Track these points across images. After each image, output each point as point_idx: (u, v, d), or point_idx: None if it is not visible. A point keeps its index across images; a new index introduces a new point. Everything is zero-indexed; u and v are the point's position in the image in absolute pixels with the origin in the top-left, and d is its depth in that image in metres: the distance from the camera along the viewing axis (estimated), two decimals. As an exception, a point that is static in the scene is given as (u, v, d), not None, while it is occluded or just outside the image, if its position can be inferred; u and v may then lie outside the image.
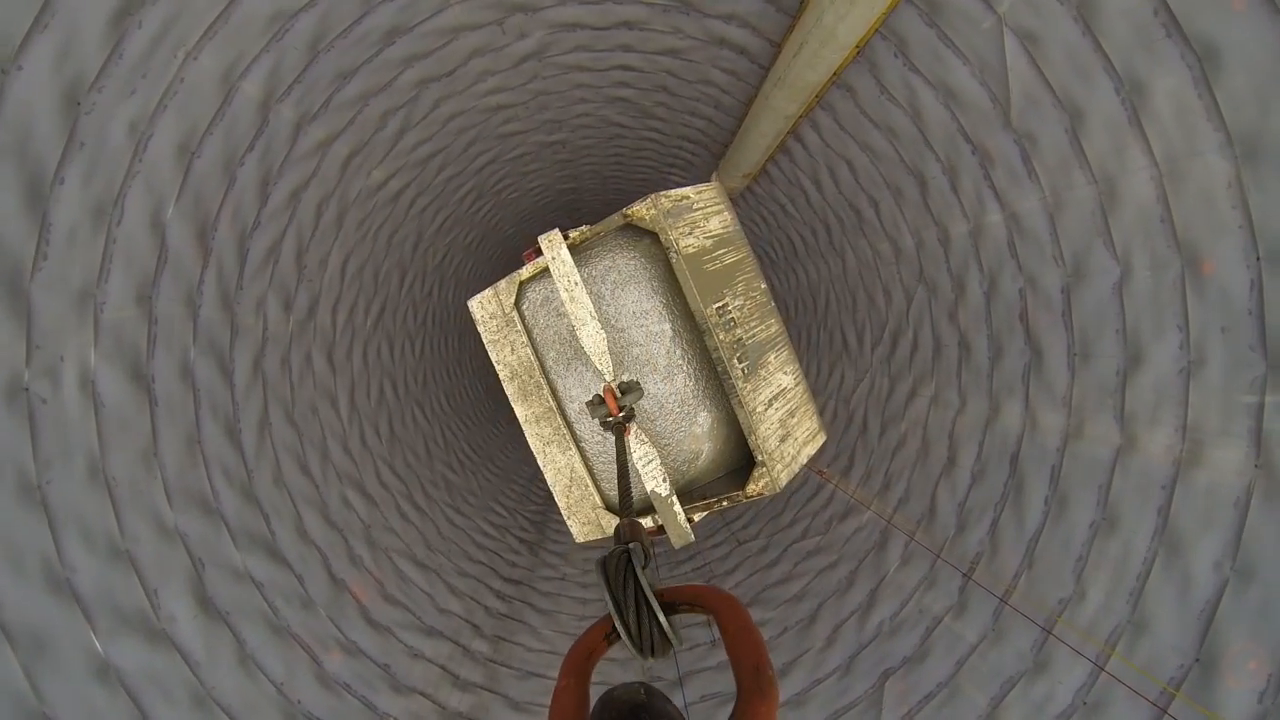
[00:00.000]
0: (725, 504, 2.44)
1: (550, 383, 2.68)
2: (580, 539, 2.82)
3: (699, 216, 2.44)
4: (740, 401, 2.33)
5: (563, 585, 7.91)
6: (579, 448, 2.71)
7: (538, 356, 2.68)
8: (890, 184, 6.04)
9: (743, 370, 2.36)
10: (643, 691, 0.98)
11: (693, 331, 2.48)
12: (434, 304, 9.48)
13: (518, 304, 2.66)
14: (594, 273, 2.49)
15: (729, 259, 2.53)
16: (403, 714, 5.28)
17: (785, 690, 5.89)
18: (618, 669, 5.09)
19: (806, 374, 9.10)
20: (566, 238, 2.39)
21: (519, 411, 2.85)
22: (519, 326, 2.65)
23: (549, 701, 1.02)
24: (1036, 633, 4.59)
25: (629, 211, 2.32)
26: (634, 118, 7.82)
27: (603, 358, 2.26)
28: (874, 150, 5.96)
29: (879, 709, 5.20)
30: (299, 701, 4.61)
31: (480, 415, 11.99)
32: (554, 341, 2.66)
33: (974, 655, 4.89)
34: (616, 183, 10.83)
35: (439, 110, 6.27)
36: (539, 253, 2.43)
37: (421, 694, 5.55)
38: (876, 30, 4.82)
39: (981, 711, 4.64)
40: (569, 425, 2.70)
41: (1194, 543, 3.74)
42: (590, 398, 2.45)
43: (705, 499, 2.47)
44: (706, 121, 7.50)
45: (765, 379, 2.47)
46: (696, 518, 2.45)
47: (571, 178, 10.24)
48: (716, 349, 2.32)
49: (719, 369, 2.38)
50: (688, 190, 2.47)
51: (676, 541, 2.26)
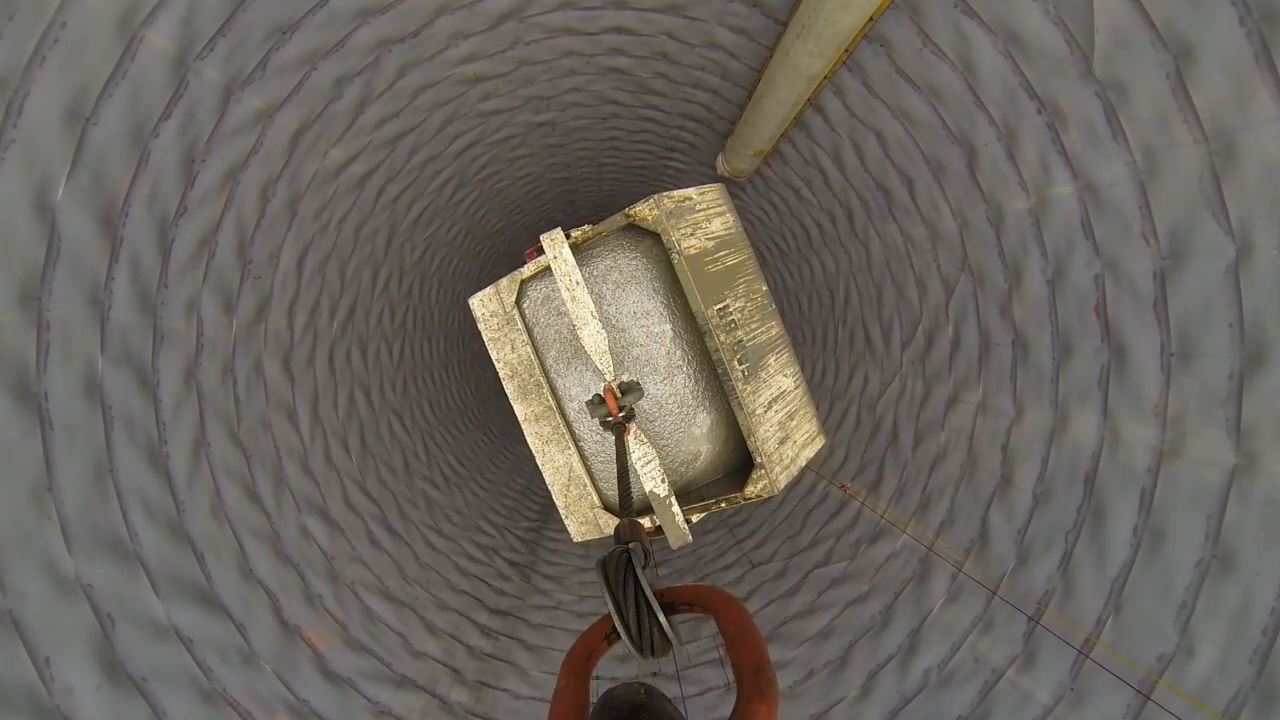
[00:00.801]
0: (724, 505, 2.42)
1: (550, 382, 2.67)
2: (578, 538, 2.79)
3: (701, 218, 2.41)
4: (740, 403, 2.31)
5: (556, 615, 7.06)
6: (578, 447, 2.69)
7: (538, 355, 2.66)
8: (929, 157, 5.17)
9: (743, 372, 2.35)
10: (643, 691, 0.97)
11: (693, 333, 2.47)
12: (414, 304, 8.63)
13: (519, 302, 2.62)
14: (596, 272, 2.47)
15: (730, 260, 2.49)
16: (362, 791, 4.44)
17: (814, 749, 5.04)
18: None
19: (822, 376, 8.23)
20: (569, 236, 2.34)
21: (518, 410, 2.79)
22: (519, 325, 2.63)
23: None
24: (1129, 696, 3.73)
25: (631, 212, 2.29)
26: (630, 93, 6.96)
27: (603, 357, 2.25)
28: (910, 117, 5.09)
29: (930, 779, 4.35)
30: (226, 791, 3.77)
31: (469, 423, 11.15)
32: (554, 340, 2.65)
33: None
34: (612, 171, 9.97)
35: (405, 80, 5.41)
36: (541, 251, 2.39)
37: (386, 763, 4.71)
38: (922, -37, 3.96)
39: (1063, 792, 3.78)
40: (568, 424, 2.69)
41: (1361, 598, 2.87)
42: (590, 397, 2.44)
43: (703, 500, 2.46)
44: (711, 95, 6.63)
45: (765, 381, 2.45)
46: (694, 519, 2.43)
47: (563, 165, 9.38)
48: (717, 350, 2.30)
49: (719, 370, 2.35)
50: (690, 191, 2.44)
51: (674, 542, 2.23)
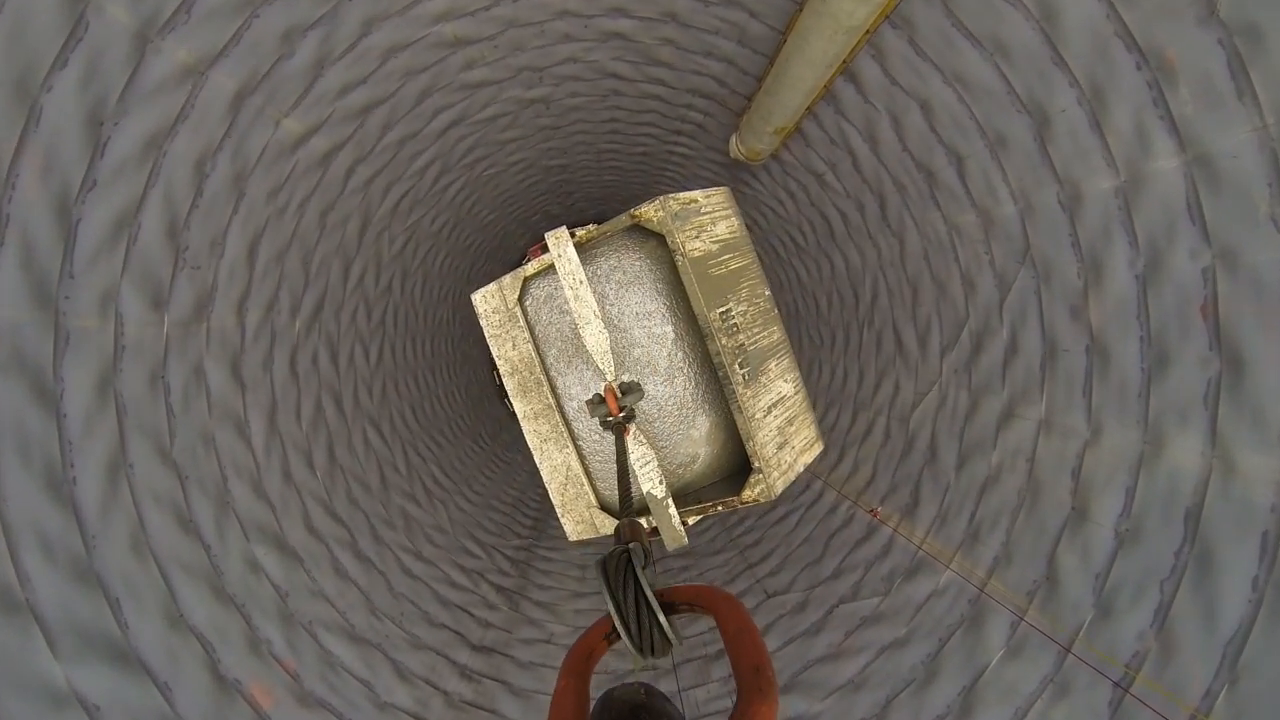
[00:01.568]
0: (720, 508, 2.42)
1: (550, 380, 2.67)
2: (574, 537, 2.78)
3: (706, 220, 2.40)
4: (740, 407, 2.31)
5: (547, 652, 6.30)
6: (576, 446, 2.68)
7: (538, 353, 2.66)
8: (987, 129, 4.40)
9: (743, 376, 2.34)
10: (643, 691, 0.98)
11: (695, 335, 2.47)
12: (395, 300, 7.87)
13: (521, 299, 2.62)
14: (599, 271, 2.47)
15: (734, 264, 2.47)
16: None
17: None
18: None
19: (844, 383, 7.47)
20: (573, 235, 2.31)
21: (517, 407, 2.78)
22: (521, 322, 2.63)
23: None
24: (1261, 796, 2.97)
25: (637, 212, 2.28)
26: (633, 64, 6.20)
27: (605, 357, 2.24)
28: (966, 81, 4.32)
29: None
30: None
31: (457, 430, 10.39)
32: (556, 338, 2.64)
33: (1150, 816, 3.27)
34: (613, 159, 9.21)
35: (372, 39, 4.65)
36: (545, 249, 2.39)
37: None
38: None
39: None
40: (567, 423, 2.68)
41: None
42: (589, 397, 2.44)
43: (700, 503, 2.46)
44: (725, 64, 5.87)
45: (765, 386, 2.44)
46: (691, 521, 2.42)
47: (559, 151, 8.62)
48: (718, 354, 2.30)
49: (720, 374, 2.34)
50: (696, 194, 2.41)
51: (670, 544, 2.21)
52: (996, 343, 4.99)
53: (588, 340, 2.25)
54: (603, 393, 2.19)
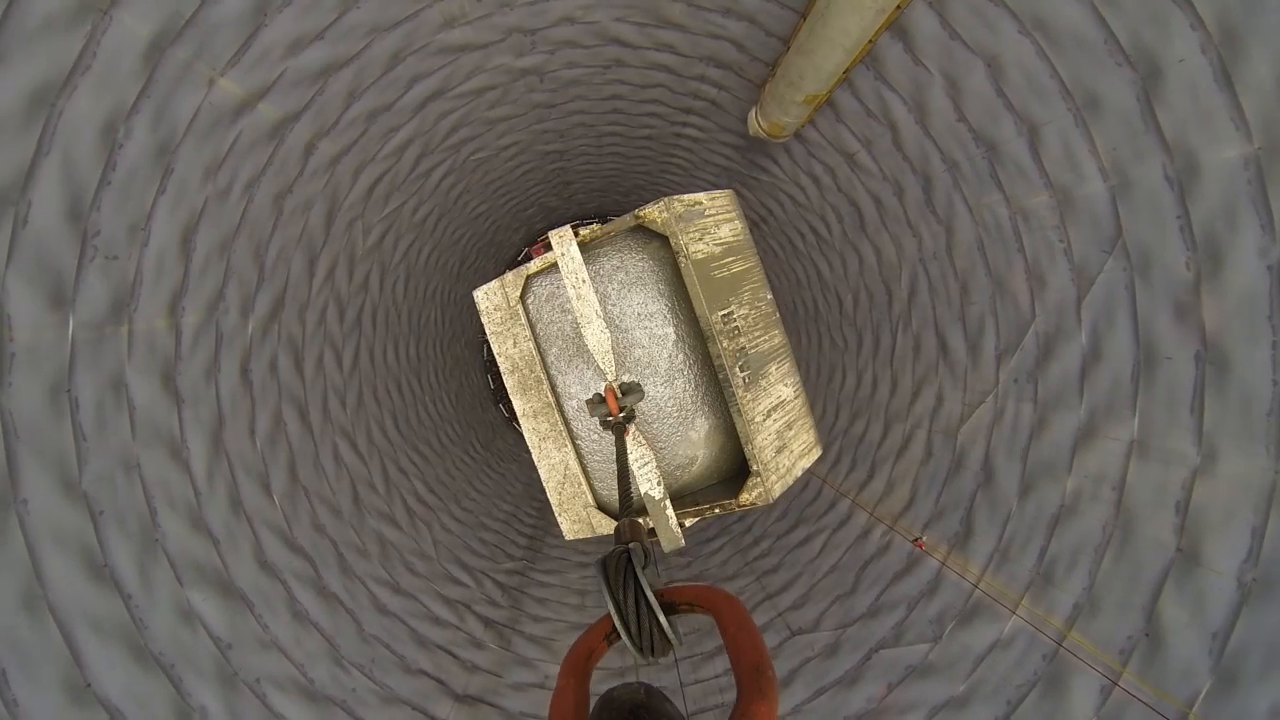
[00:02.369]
0: (718, 511, 2.42)
1: (550, 378, 2.67)
2: (570, 536, 2.77)
3: (710, 223, 2.41)
4: (739, 410, 2.31)
5: (542, 699, 5.57)
6: (575, 445, 2.69)
7: (539, 351, 2.66)
8: (1074, 89, 3.67)
9: (744, 379, 2.34)
10: (643, 691, 0.98)
11: (696, 337, 2.46)
12: (373, 299, 7.12)
13: (523, 297, 2.62)
14: (602, 271, 2.47)
15: (737, 267, 2.48)
16: None
17: None
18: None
19: (873, 390, 6.74)
20: (577, 234, 2.31)
21: (517, 405, 2.77)
22: (523, 320, 2.63)
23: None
24: None
25: (641, 213, 2.29)
26: (639, 26, 5.45)
27: (606, 357, 2.26)
28: (1049, 29, 3.59)
29: None
30: None
31: (447, 439, 9.64)
32: (557, 337, 2.65)
33: None
34: (614, 142, 8.46)
35: (329, -17, 3.90)
36: (548, 247, 2.37)
37: None
38: None
39: None
40: (566, 422, 2.68)
41: None
42: (589, 396, 2.47)
43: (698, 505, 2.46)
44: (746, 24, 5.13)
45: (766, 389, 2.44)
46: (688, 523, 2.44)
47: (556, 134, 7.87)
48: (719, 356, 2.30)
49: (720, 376, 2.34)
50: (701, 196, 2.41)
51: (666, 545, 2.19)
52: (1072, 348, 4.26)
53: (589, 340, 2.27)
54: (603, 392, 2.21)
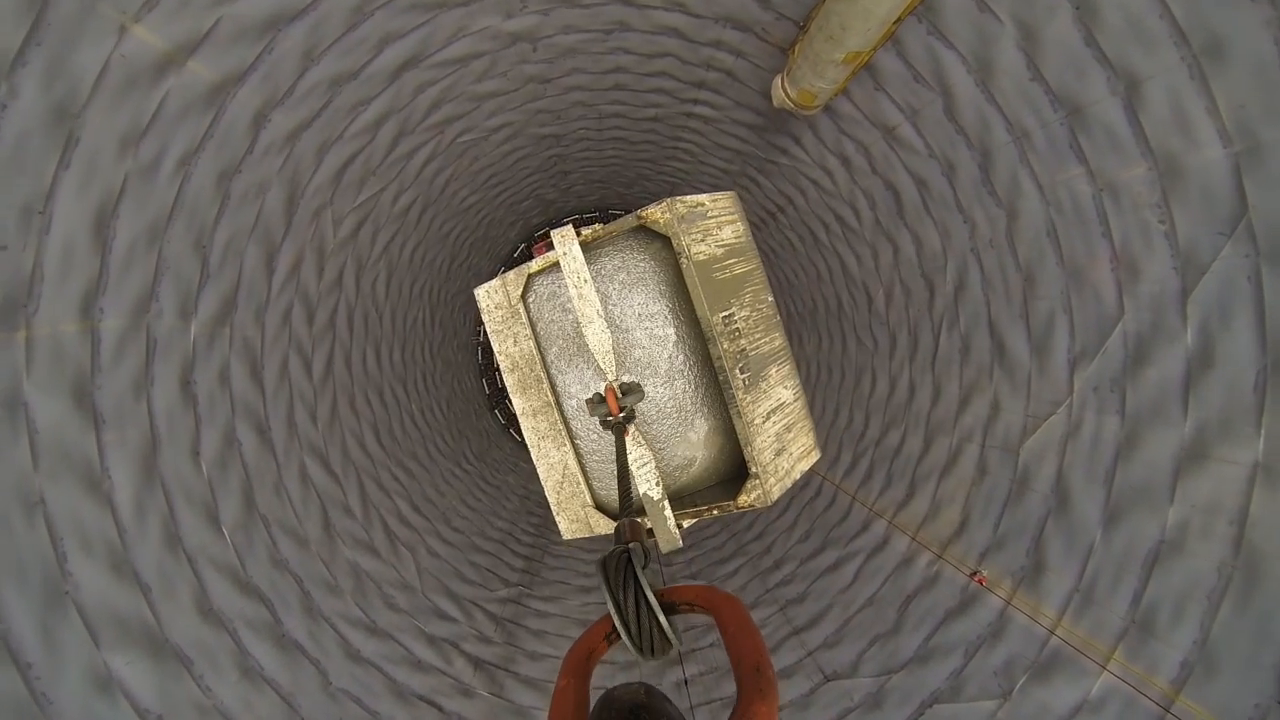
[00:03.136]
0: (716, 512, 2.45)
1: (550, 377, 2.69)
2: (567, 535, 2.77)
3: (713, 224, 2.44)
4: (739, 412, 2.33)
5: (541, 758, 4.88)
6: (573, 444, 2.70)
7: (540, 350, 2.68)
8: (1192, 33, 2.98)
9: (744, 381, 2.37)
10: (643, 691, 0.99)
11: (696, 338, 2.49)
12: (348, 298, 6.44)
13: (524, 296, 2.64)
14: (604, 271, 2.50)
15: (738, 269, 2.51)
16: None
17: None
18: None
19: (910, 397, 6.06)
20: (579, 234, 2.36)
21: (517, 403, 2.78)
22: (524, 318, 2.65)
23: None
24: None
25: (643, 213, 2.32)
26: (648, -19, 4.76)
27: (606, 357, 2.28)
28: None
29: None
30: None
31: (437, 451, 8.96)
32: (558, 336, 2.67)
33: None
34: (617, 124, 7.78)
35: (270, -90, 3.21)
36: (550, 246, 2.40)
37: None
38: None
39: None
40: (565, 421, 2.70)
41: None
42: (589, 396, 2.51)
43: (696, 506, 2.49)
44: (774, -25, 4.44)
45: (765, 392, 2.47)
46: (685, 524, 2.46)
47: (552, 116, 7.19)
48: (720, 358, 2.32)
49: (720, 378, 2.36)
50: (703, 197, 2.44)
51: (664, 546, 2.21)
52: (1174, 351, 3.57)
53: (590, 339, 2.29)
54: (603, 392, 2.23)
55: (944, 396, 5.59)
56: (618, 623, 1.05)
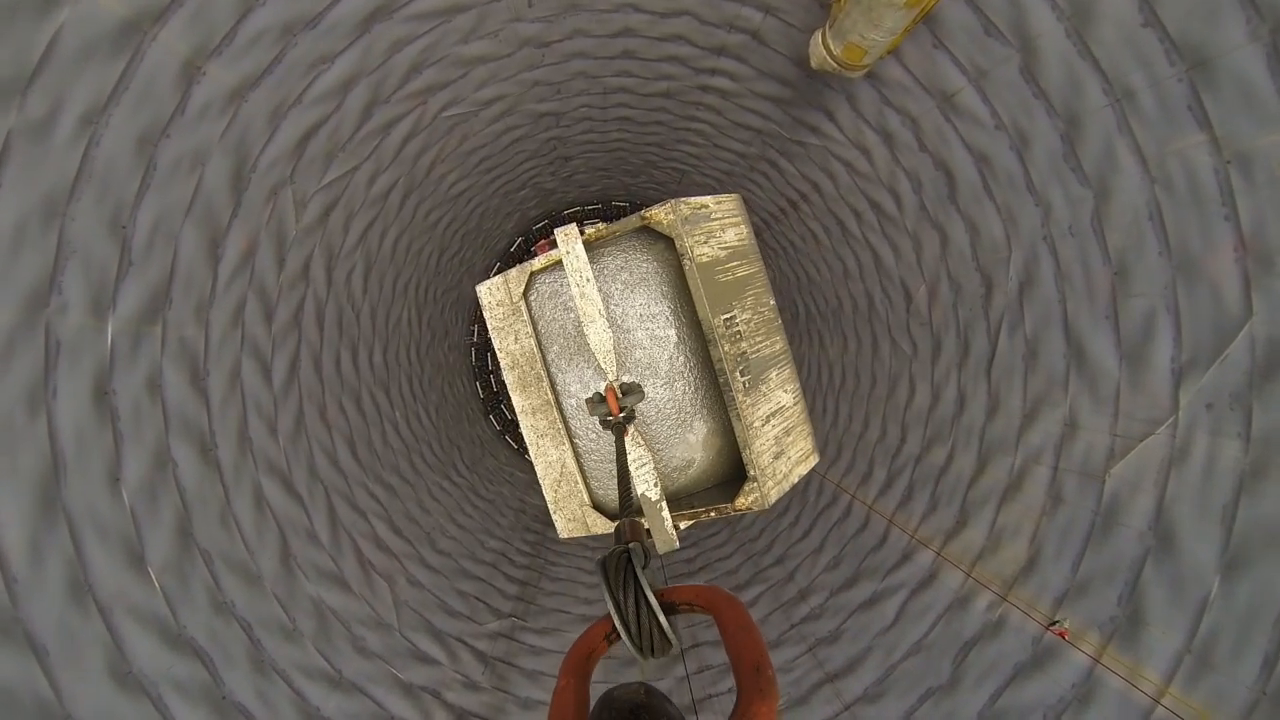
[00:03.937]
0: (713, 514, 2.49)
1: (550, 376, 2.72)
2: (564, 535, 2.81)
3: (716, 226, 2.48)
4: (739, 414, 2.37)
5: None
6: (572, 444, 2.73)
7: (540, 348, 2.71)
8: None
9: (744, 384, 2.40)
10: (643, 691, 1.00)
11: (697, 340, 2.52)
12: (316, 293, 5.75)
13: (526, 294, 2.69)
14: (606, 271, 2.54)
15: (741, 272, 2.55)
16: None
17: None
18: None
19: (960, 409, 5.41)
20: (583, 233, 2.40)
21: (516, 401, 2.81)
22: (525, 316, 2.68)
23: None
24: None
25: (647, 214, 2.37)
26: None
27: (607, 356, 2.31)
28: None
29: None
30: None
31: (424, 463, 8.27)
32: (558, 335, 2.70)
33: None
34: (623, 102, 7.10)
35: None
36: (553, 245, 2.47)
37: None
38: None
39: None
40: (564, 420, 2.72)
41: None
42: (589, 395, 2.52)
43: (693, 508, 2.53)
44: (818, -94, 3.77)
45: (765, 395, 2.51)
46: (683, 525, 2.48)
47: (551, 90, 6.51)
48: (720, 360, 2.36)
49: (720, 380, 2.40)
50: (707, 199, 2.47)
51: (661, 547, 2.26)
52: (1328, 360, 2.90)
53: (591, 339, 2.31)
54: (603, 391, 2.25)
55: (1002, 409, 4.92)
56: (617, 622, 1.06)
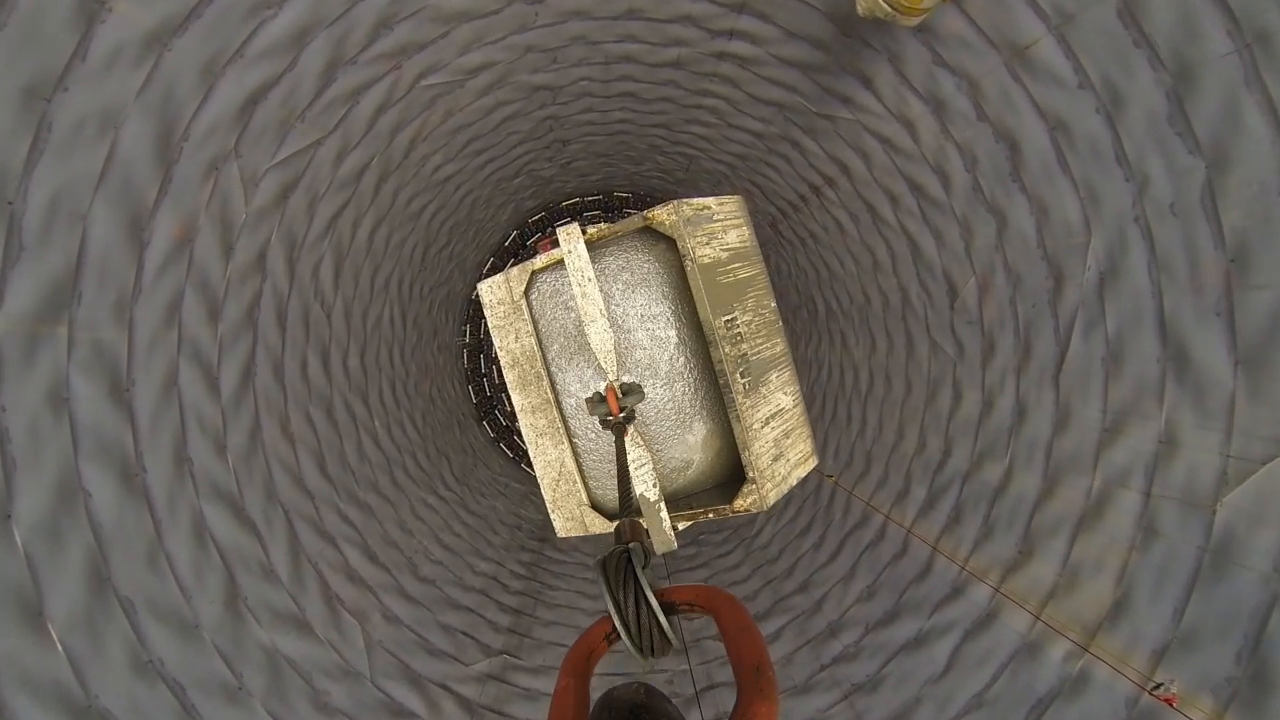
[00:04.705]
0: (711, 516, 2.52)
1: (550, 375, 2.75)
2: (562, 534, 2.83)
3: (718, 228, 2.53)
4: (738, 416, 2.41)
5: None
6: (571, 443, 2.76)
7: (540, 347, 2.75)
8: None
9: (744, 386, 2.44)
10: (643, 691, 1.01)
11: (698, 341, 2.56)
12: (275, 287, 5.09)
13: (527, 292, 2.71)
14: (608, 271, 2.58)
15: (742, 274, 2.61)
16: None
17: None
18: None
19: (1020, 421, 4.77)
20: (584, 232, 2.45)
21: (516, 400, 2.87)
22: (526, 315, 2.72)
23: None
24: None
25: (649, 215, 2.41)
26: None
27: (608, 356, 2.35)
28: None
29: None
30: None
31: (408, 477, 7.61)
32: (559, 334, 2.74)
33: None
34: (627, 73, 6.44)
35: None
36: (555, 244, 2.51)
37: None
38: None
39: None
40: (564, 419, 2.76)
41: None
42: (589, 395, 2.55)
43: (691, 509, 2.56)
44: None
45: (765, 397, 2.55)
46: (681, 526, 2.51)
47: (547, 58, 5.85)
48: (721, 361, 2.40)
49: (721, 382, 2.44)
50: (710, 201, 2.53)
51: (659, 547, 2.30)
52: None
53: (592, 338, 2.35)
54: (603, 391, 2.29)
55: (1073, 422, 4.26)
56: (617, 623, 1.07)
